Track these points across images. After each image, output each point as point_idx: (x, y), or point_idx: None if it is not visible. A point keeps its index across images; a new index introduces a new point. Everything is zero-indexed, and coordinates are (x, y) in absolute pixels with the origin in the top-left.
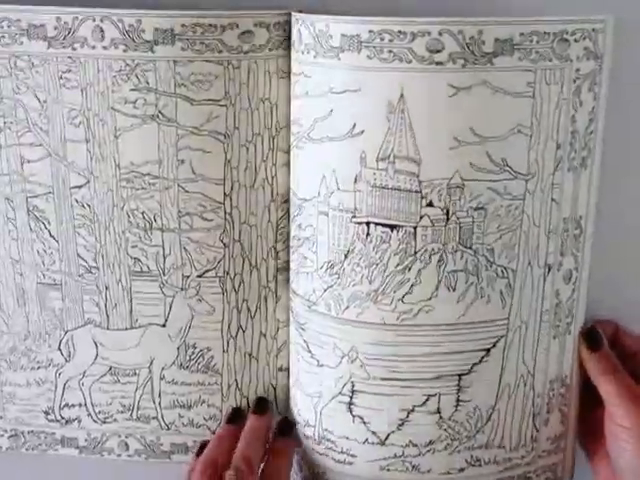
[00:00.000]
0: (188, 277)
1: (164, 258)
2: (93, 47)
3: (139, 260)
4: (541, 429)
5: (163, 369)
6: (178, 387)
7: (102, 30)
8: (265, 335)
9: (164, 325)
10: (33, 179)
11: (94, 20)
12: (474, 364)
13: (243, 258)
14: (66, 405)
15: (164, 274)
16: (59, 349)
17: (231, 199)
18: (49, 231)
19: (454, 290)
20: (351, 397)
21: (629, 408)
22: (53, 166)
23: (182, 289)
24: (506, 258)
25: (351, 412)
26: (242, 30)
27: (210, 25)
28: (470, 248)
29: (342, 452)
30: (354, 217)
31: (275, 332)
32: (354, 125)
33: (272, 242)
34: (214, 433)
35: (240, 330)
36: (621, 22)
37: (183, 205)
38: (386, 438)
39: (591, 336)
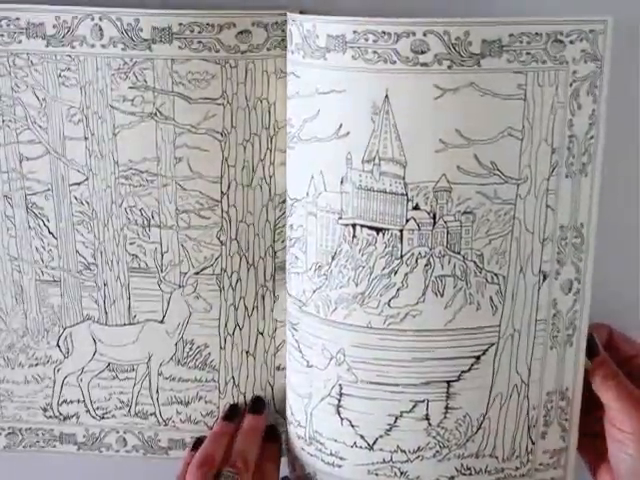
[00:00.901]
0: (186, 274)
1: (162, 255)
2: (92, 45)
3: (137, 257)
4: (537, 441)
5: (161, 365)
6: (176, 383)
7: (101, 29)
8: (262, 334)
9: (162, 321)
10: (32, 176)
11: (93, 19)
12: (463, 371)
13: (240, 256)
14: (64, 401)
15: (162, 271)
16: (58, 345)
17: (228, 197)
18: (48, 228)
19: (442, 295)
20: (339, 400)
21: (630, 413)
22: (52, 163)
23: (180, 286)
24: (496, 264)
25: (339, 415)
26: (240, 29)
27: (207, 24)
28: (458, 253)
29: (331, 454)
30: (340, 218)
31: (273, 331)
32: (340, 126)
33: (270, 241)
34: (211, 429)
35: (237, 328)
36: (622, 23)
37: (181, 202)
38: (374, 442)
39: (587, 342)
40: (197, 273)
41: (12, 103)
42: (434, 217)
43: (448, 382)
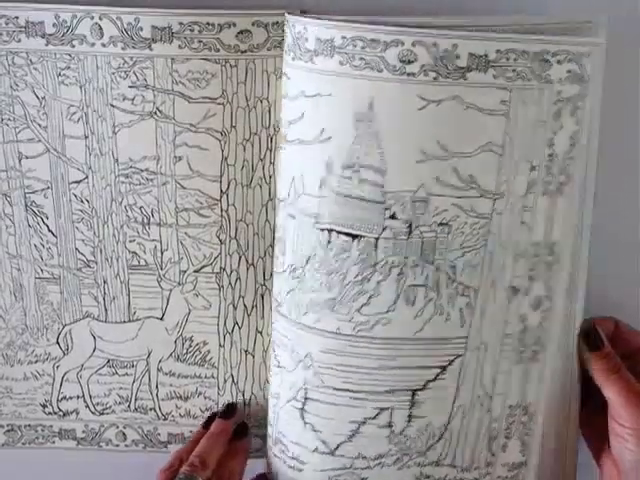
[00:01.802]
0: (185, 272)
1: (162, 253)
2: (92, 44)
3: (137, 254)
4: (498, 454)
5: (160, 361)
6: (175, 379)
7: (101, 28)
8: (261, 332)
9: (162, 318)
10: (31, 175)
11: (93, 18)
12: (429, 380)
13: (239, 255)
14: (64, 398)
15: (162, 268)
16: (57, 342)
17: (228, 197)
18: (47, 226)
19: (413, 305)
20: (304, 403)
21: (630, 409)
22: (52, 162)
23: (179, 283)
24: (468, 276)
25: (303, 418)
26: (240, 29)
27: (208, 24)
28: (432, 263)
29: (293, 458)
30: (317, 223)
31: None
32: (322, 130)
33: (269, 241)
34: None
35: (236, 326)
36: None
37: (180, 201)
38: (336, 448)
39: (591, 336)
40: (196, 271)
41: (11, 102)
42: (410, 226)
43: (413, 391)
